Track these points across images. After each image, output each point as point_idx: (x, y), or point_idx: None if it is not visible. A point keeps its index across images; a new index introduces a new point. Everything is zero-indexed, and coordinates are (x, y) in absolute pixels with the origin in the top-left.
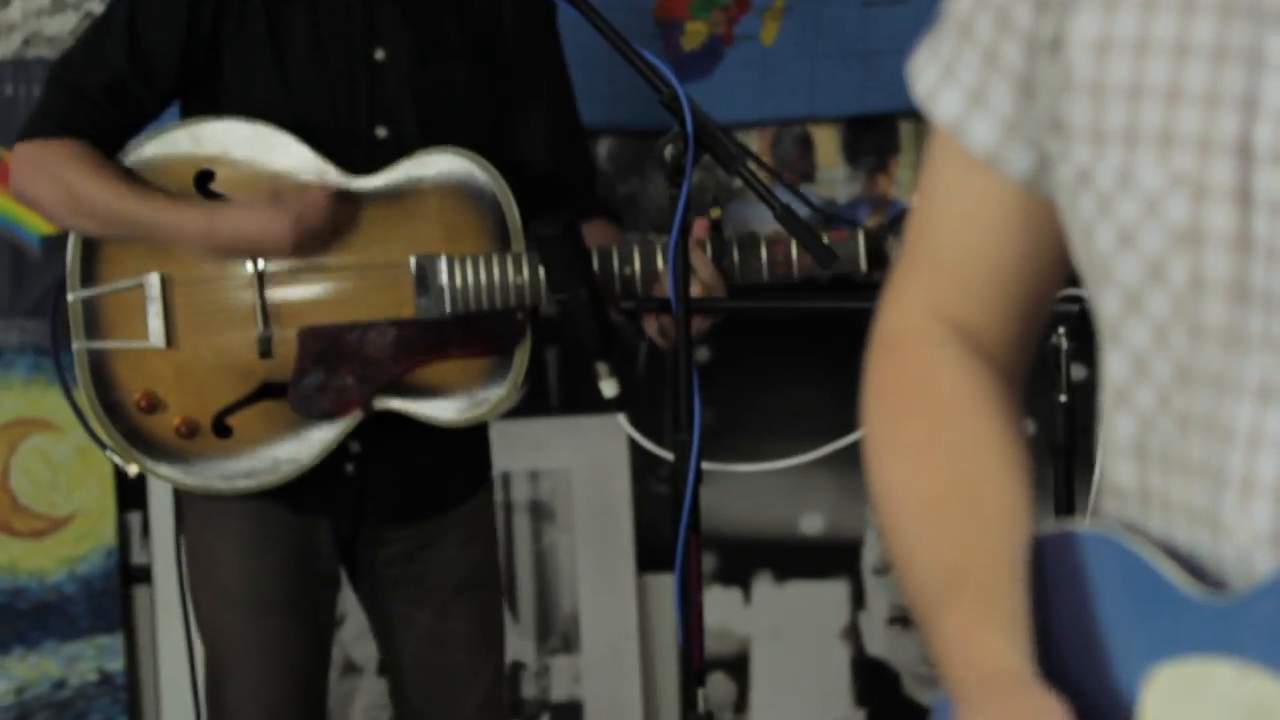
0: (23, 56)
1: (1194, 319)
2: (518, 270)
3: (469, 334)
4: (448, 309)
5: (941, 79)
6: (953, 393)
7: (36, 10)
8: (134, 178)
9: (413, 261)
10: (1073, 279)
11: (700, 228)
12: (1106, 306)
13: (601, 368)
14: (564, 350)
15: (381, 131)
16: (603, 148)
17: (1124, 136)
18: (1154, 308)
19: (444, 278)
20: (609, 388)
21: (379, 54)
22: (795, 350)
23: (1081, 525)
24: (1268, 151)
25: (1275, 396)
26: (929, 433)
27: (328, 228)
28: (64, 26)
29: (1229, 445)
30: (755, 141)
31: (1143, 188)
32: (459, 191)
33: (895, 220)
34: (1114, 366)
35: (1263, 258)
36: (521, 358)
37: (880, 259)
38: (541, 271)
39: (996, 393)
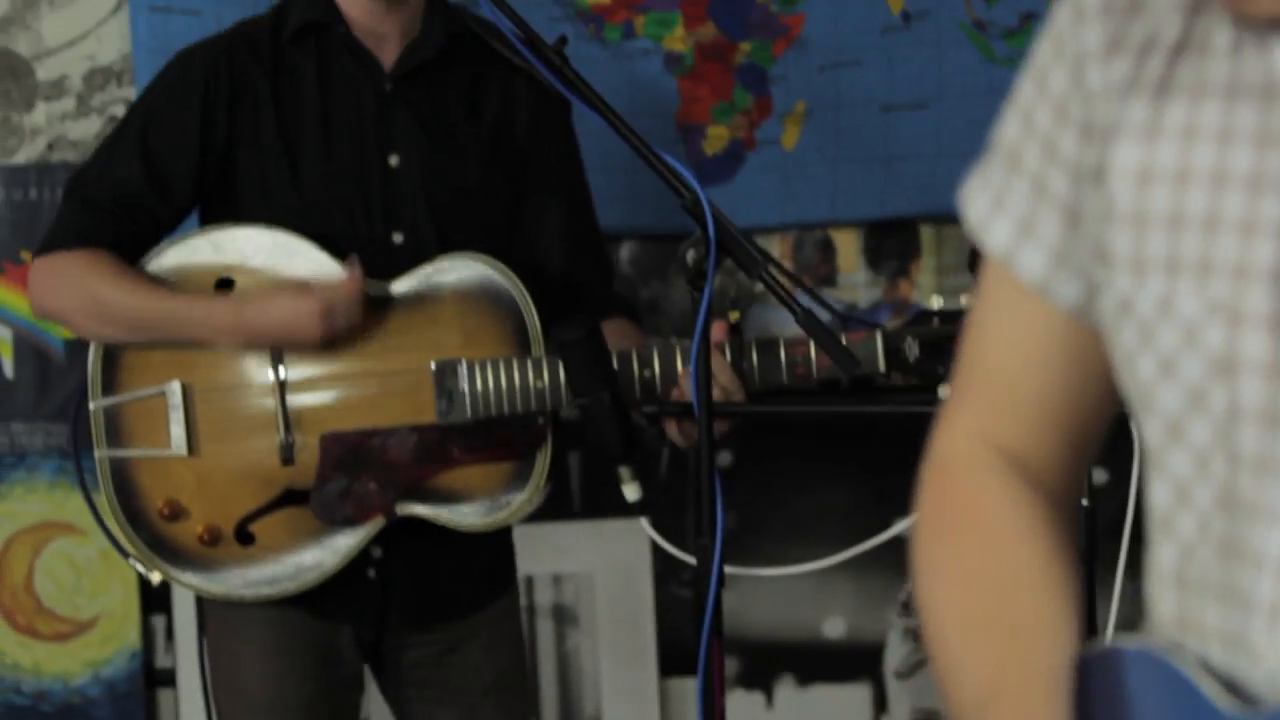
0: (47, 160)
1: (1232, 446)
2: (538, 374)
3: (490, 438)
4: (469, 414)
5: (992, 209)
6: (997, 517)
7: (61, 114)
8: (155, 280)
9: (433, 367)
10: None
11: (719, 331)
12: (1150, 435)
13: (624, 471)
14: (586, 454)
15: (398, 237)
16: (625, 251)
17: (1165, 265)
18: (1195, 436)
19: (464, 383)
20: (631, 491)
21: (393, 159)
22: (817, 454)
23: (1125, 640)
24: None
25: None
26: (972, 555)
27: (356, 316)
28: (88, 131)
29: (1259, 571)
30: (777, 245)
31: (1182, 316)
32: (478, 296)
33: (913, 321)
34: (1157, 495)
35: None
36: (542, 462)
37: (899, 360)
38: (562, 375)
39: (1042, 518)
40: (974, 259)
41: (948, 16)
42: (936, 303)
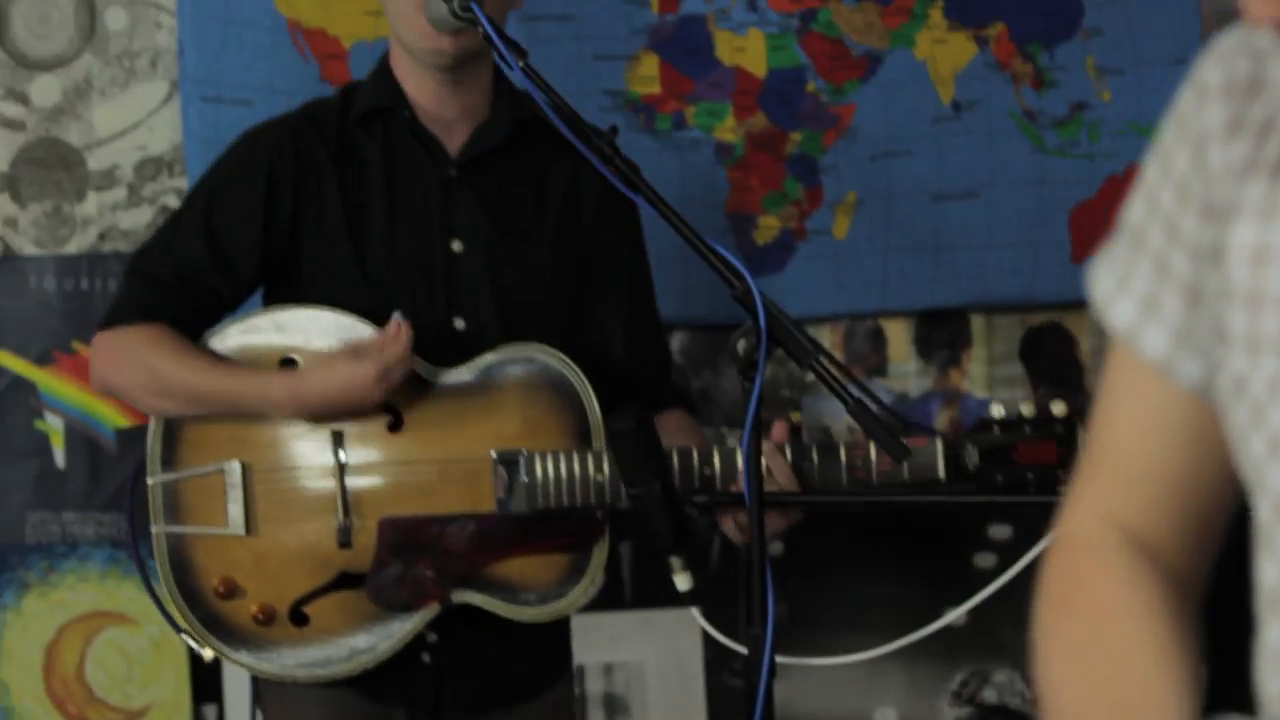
0: (98, 250)
1: None
2: (598, 468)
3: (548, 530)
4: (528, 505)
5: (1117, 287)
6: (1115, 596)
7: (112, 205)
8: (214, 355)
9: (494, 456)
10: None
11: (780, 431)
12: (1260, 513)
13: (675, 561)
14: (637, 543)
15: (460, 323)
16: (676, 341)
17: (1278, 345)
18: None
19: (524, 474)
20: (682, 581)
21: (456, 245)
22: (867, 544)
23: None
24: None
25: None
26: (1088, 633)
27: (407, 369)
28: (139, 221)
29: None
30: (828, 335)
31: None
32: (540, 386)
33: (975, 429)
34: (1267, 573)
35: None
36: (600, 555)
37: (958, 468)
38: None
39: (1161, 597)
40: (1025, 348)
41: (998, 106)
42: (997, 410)
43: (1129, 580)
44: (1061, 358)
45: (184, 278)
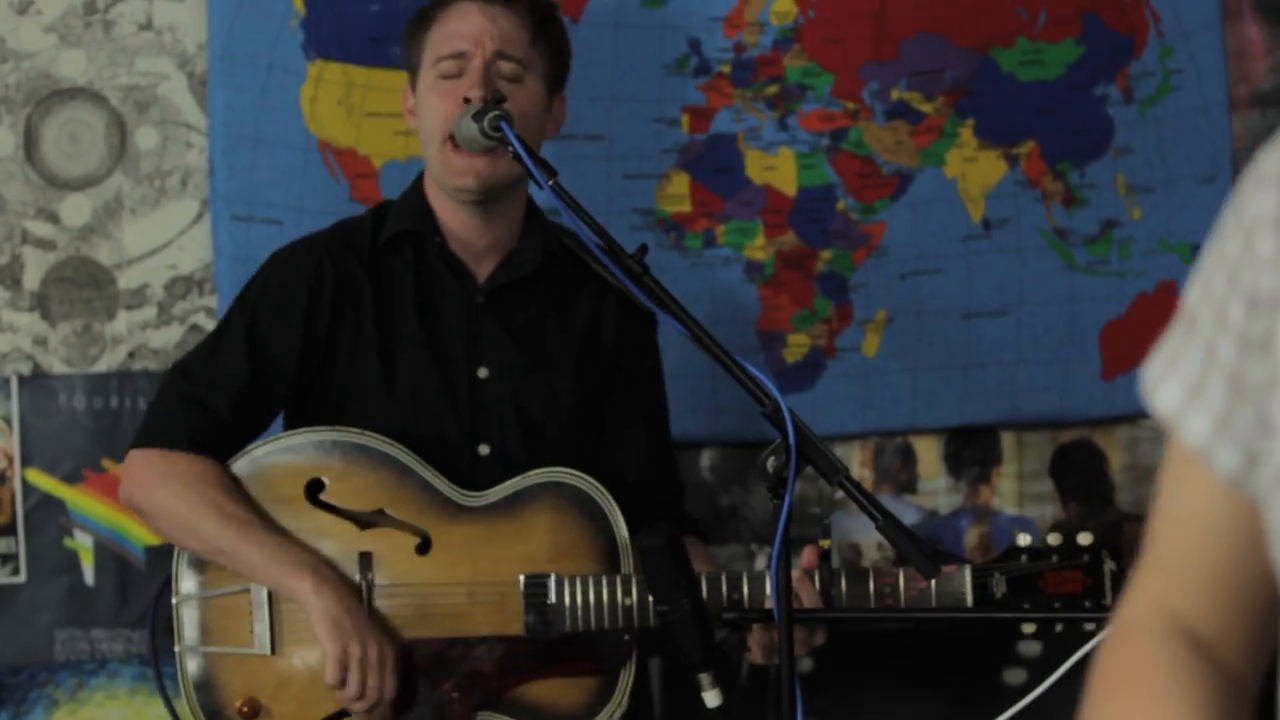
0: (128, 369)
1: None
2: (626, 592)
3: (575, 653)
4: (555, 629)
5: (1167, 370)
6: (1164, 683)
7: (142, 323)
8: (252, 509)
9: (521, 581)
10: None
11: (809, 556)
12: None
13: (704, 678)
14: (666, 659)
15: (484, 449)
16: (705, 459)
17: None
18: None
19: (553, 598)
20: (712, 698)
21: (482, 372)
22: (898, 660)
23: None
24: None
25: None
26: (1135, 716)
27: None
28: (169, 339)
29: None
30: (857, 453)
31: None
32: (567, 509)
33: (1002, 557)
34: None
35: None
36: (626, 679)
37: (985, 595)
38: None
39: (1210, 689)
40: (1055, 465)
41: (1028, 224)
42: (1024, 539)
43: (1178, 668)
44: (1092, 474)
45: (231, 402)
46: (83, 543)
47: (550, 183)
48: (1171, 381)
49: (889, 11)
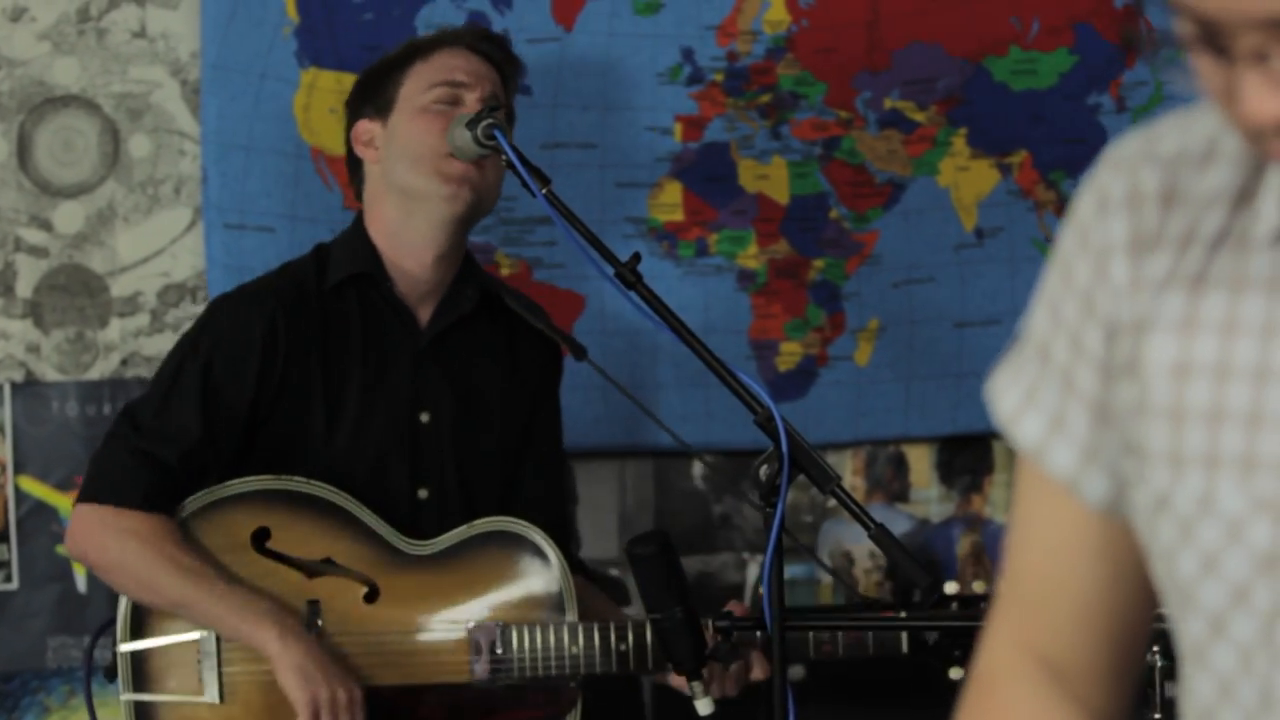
0: (121, 376)
1: (1276, 642)
2: (573, 640)
3: (522, 700)
4: (502, 678)
5: (1023, 403)
6: None
7: (135, 331)
8: (210, 560)
9: (468, 629)
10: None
11: (738, 609)
12: (1191, 631)
13: (696, 686)
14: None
15: (423, 493)
16: (698, 468)
17: (1204, 461)
18: (1239, 632)
19: (500, 647)
20: (704, 706)
21: (424, 417)
22: (890, 671)
23: None
24: None
25: None
26: None
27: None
28: (162, 347)
29: None
30: (849, 461)
31: (1224, 512)
32: (513, 559)
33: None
34: (1200, 690)
35: None
36: None
37: (918, 644)
38: (597, 636)
39: None
40: None
41: (1021, 233)
42: (952, 588)
43: (1039, 712)
44: None
45: (184, 457)
46: None
47: (544, 191)
48: (1032, 415)
49: (882, 21)
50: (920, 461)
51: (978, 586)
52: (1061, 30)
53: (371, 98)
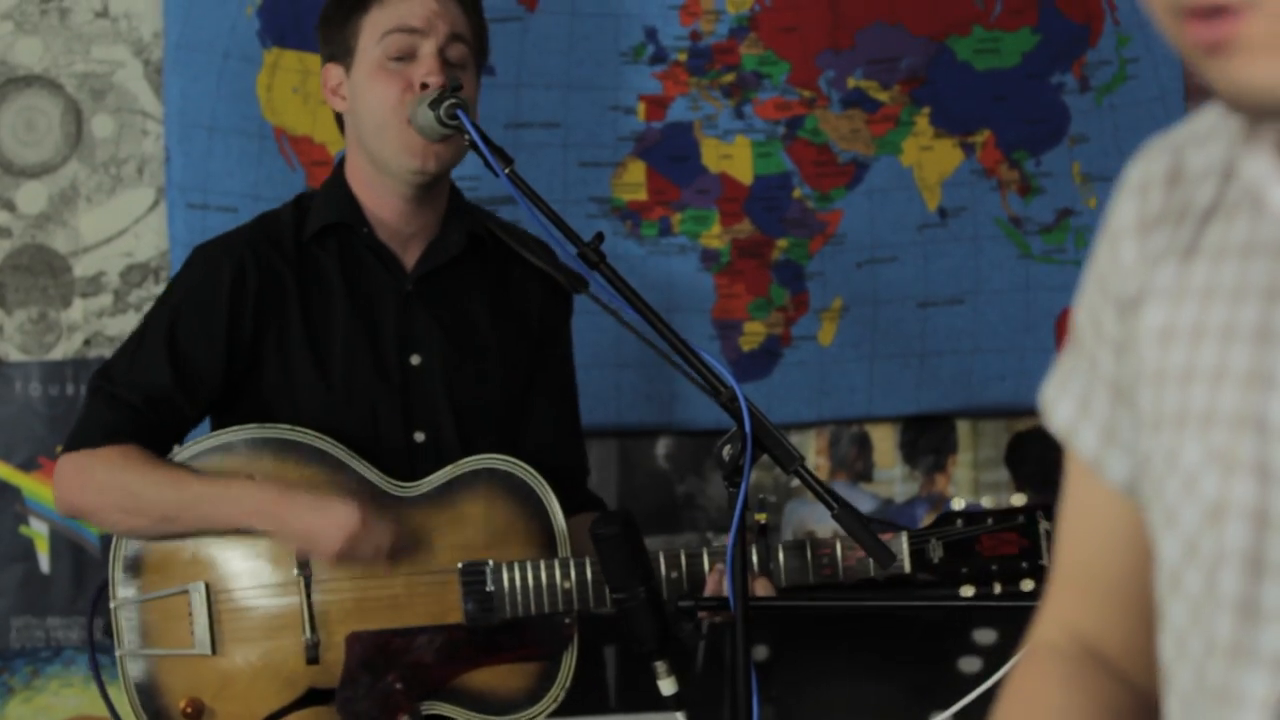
0: (84, 356)
1: (1217, 593)
2: (565, 575)
3: (516, 638)
4: (496, 616)
5: (1059, 388)
6: (1054, 703)
7: (98, 311)
8: (183, 467)
9: (460, 568)
10: None
11: (714, 584)
12: (1158, 588)
13: (660, 666)
14: (621, 647)
15: (419, 436)
16: (661, 447)
17: (1175, 419)
18: (1189, 585)
19: (492, 584)
20: (667, 686)
21: (414, 359)
22: (852, 648)
23: None
24: (1278, 427)
25: None
26: None
27: (381, 549)
28: (125, 327)
29: (1241, 713)
30: (813, 441)
31: (1184, 466)
32: (502, 497)
33: (937, 522)
34: (1164, 649)
35: (1277, 531)
36: (568, 662)
37: (923, 561)
38: (589, 571)
39: (1110, 707)
40: (1011, 453)
41: (984, 213)
42: (959, 504)
43: (1077, 688)
44: (1047, 463)
45: (150, 400)
46: (38, 530)
47: (506, 170)
48: (1065, 399)
49: (845, 0)
50: (884, 441)
51: (985, 501)
52: (1024, 10)
53: (333, 40)
